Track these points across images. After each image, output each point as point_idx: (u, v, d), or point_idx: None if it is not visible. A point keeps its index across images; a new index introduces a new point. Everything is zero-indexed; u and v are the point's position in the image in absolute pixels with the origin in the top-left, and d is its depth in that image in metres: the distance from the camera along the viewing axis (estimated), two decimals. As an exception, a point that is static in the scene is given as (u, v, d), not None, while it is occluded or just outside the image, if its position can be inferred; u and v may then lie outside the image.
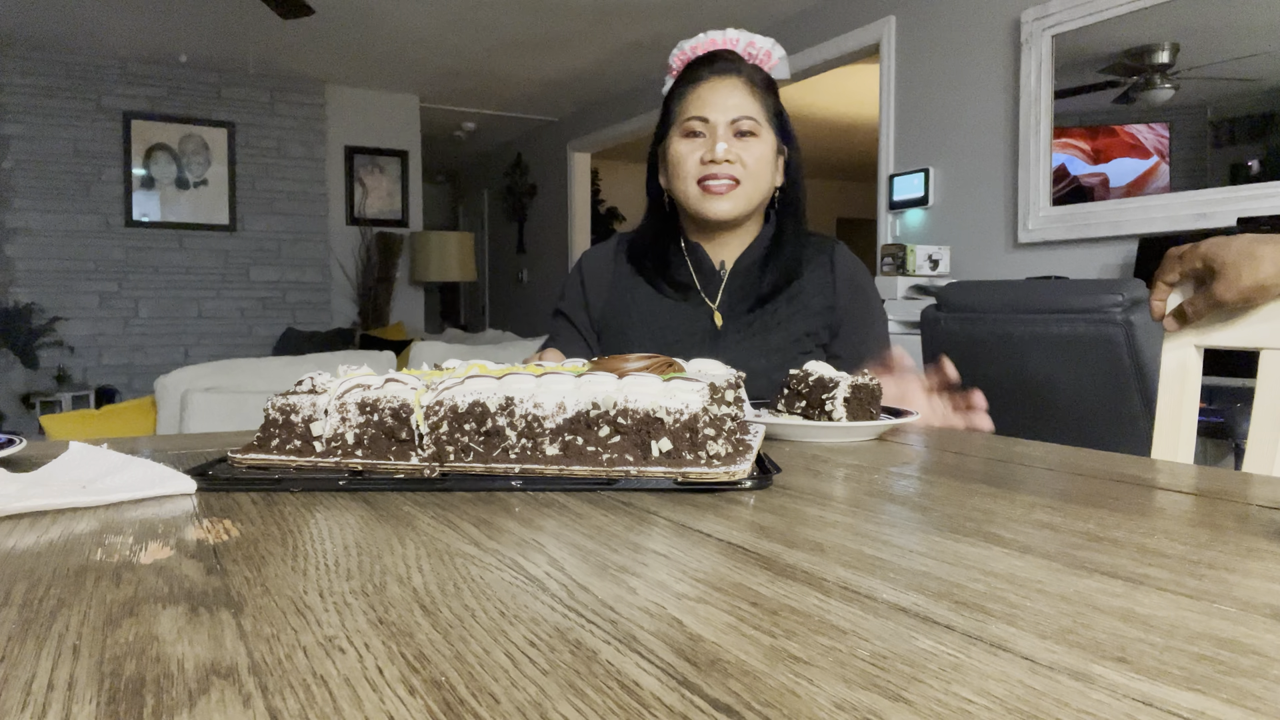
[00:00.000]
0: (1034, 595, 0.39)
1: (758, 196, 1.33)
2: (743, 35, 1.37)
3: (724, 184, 1.29)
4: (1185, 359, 1.04)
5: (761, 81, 1.34)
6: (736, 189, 1.30)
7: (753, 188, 1.32)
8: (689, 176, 1.31)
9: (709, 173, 1.30)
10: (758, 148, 1.31)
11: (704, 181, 1.30)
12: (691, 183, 1.31)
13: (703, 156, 1.30)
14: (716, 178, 1.29)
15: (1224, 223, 2.76)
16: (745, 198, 1.31)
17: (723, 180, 1.29)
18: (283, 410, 0.69)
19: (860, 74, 5.50)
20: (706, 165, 1.30)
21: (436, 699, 0.28)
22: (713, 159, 1.29)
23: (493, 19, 4.92)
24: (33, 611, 0.38)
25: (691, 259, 1.39)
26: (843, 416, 0.89)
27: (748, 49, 1.36)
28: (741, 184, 1.30)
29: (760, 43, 1.37)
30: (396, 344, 4.56)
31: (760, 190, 1.33)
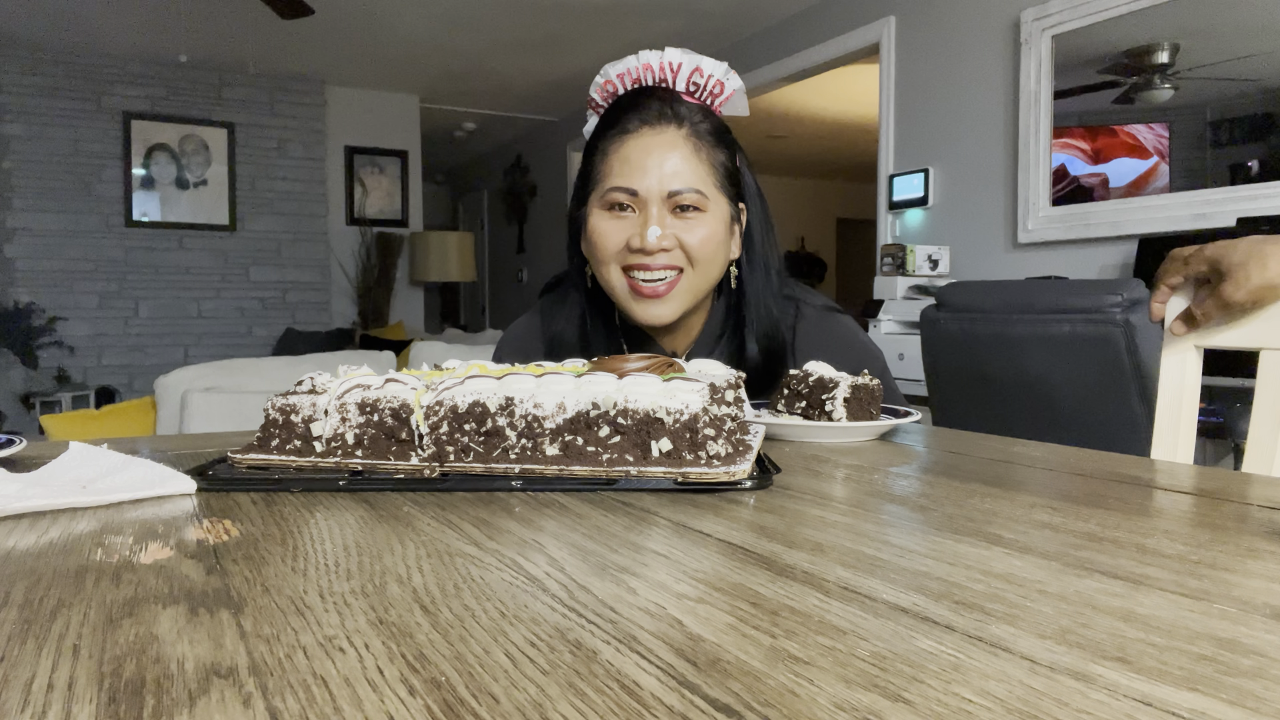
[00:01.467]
0: (1034, 595, 0.39)
1: (706, 287, 1.06)
2: (687, 59, 1.05)
3: (660, 281, 1.01)
4: (1185, 359, 1.04)
5: (710, 131, 1.05)
6: (678, 284, 1.02)
7: (700, 280, 1.04)
8: (611, 263, 1.03)
9: (638, 262, 1.01)
10: (705, 227, 1.02)
11: (632, 273, 1.02)
12: (617, 272, 1.04)
13: (630, 240, 1.01)
14: (649, 269, 1.01)
15: (1224, 223, 2.76)
16: (690, 294, 1.04)
17: (658, 275, 1.01)
18: (283, 410, 0.69)
19: (860, 74, 5.50)
20: (635, 253, 1.01)
21: (436, 699, 0.28)
22: (642, 247, 1.00)
23: (493, 19, 4.92)
24: (33, 611, 0.38)
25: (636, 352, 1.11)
26: (843, 417, 0.89)
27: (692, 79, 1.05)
28: (685, 276, 1.03)
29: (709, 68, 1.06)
30: (396, 344, 4.56)
31: (710, 279, 1.06)
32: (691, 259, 1.02)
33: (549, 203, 7.43)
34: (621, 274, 1.04)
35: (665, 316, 1.04)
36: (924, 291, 3.44)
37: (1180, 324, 1.02)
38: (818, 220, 10.04)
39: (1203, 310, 0.98)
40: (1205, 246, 0.96)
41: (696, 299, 1.06)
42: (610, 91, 1.09)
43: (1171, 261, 1.00)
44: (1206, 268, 0.96)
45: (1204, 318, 0.99)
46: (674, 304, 1.03)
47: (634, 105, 1.05)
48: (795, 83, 4.97)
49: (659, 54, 1.05)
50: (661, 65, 1.06)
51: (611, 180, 1.02)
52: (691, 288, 1.04)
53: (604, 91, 1.10)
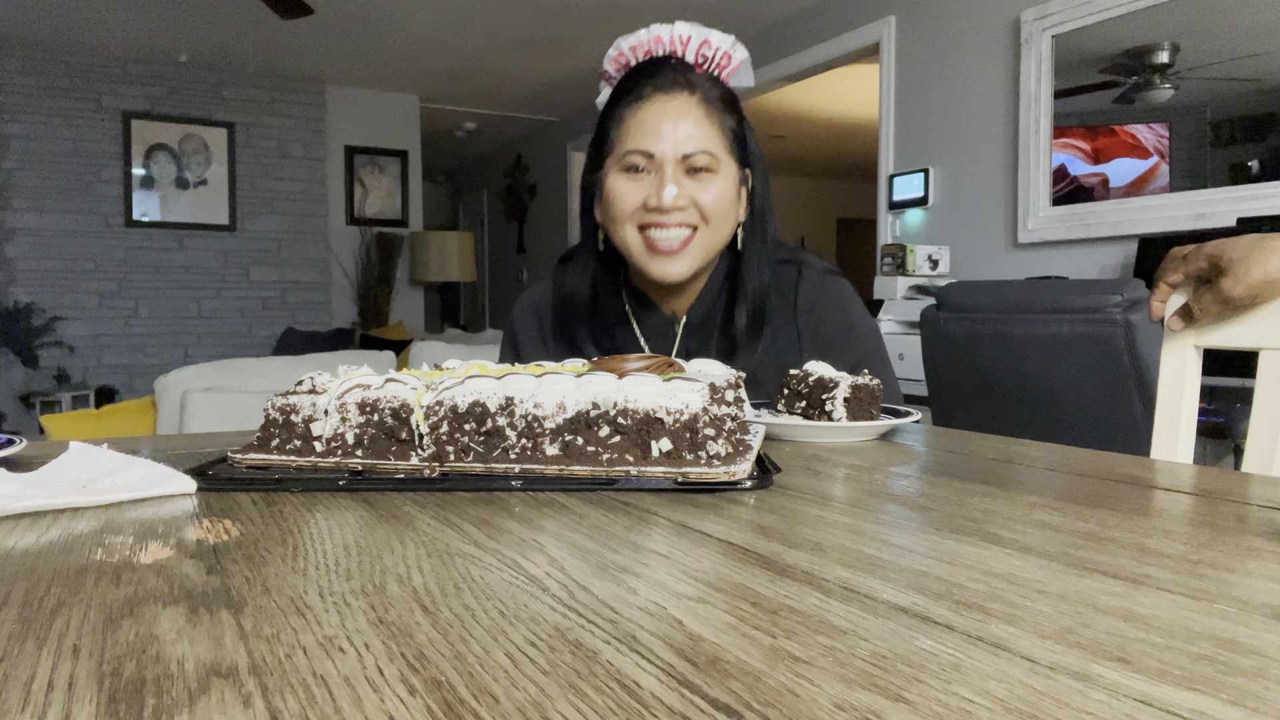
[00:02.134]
0: (1034, 595, 0.39)
1: (718, 246, 1.10)
2: (696, 31, 1.10)
3: (675, 238, 1.06)
4: (1185, 359, 1.04)
5: (719, 98, 1.09)
6: (692, 242, 1.07)
7: (712, 238, 1.08)
8: (628, 221, 1.07)
9: (654, 220, 1.05)
10: (716, 187, 1.06)
11: (648, 231, 1.07)
12: (633, 230, 1.07)
13: (647, 200, 1.05)
14: (664, 227, 1.05)
15: (1224, 223, 2.76)
16: (704, 250, 1.08)
17: (673, 233, 1.06)
18: (283, 410, 0.69)
19: (860, 74, 5.50)
20: (651, 212, 1.05)
21: (436, 699, 0.28)
22: (659, 205, 1.04)
23: (493, 19, 4.92)
24: (33, 611, 0.38)
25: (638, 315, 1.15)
26: (843, 416, 0.89)
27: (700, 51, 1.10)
28: (698, 234, 1.07)
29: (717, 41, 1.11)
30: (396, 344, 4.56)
31: (721, 238, 1.10)
32: (705, 217, 1.07)
33: (549, 203, 7.43)
34: (638, 232, 1.07)
35: (679, 273, 1.07)
36: (924, 291, 3.44)
37: (1178, 319, 1.01)
38: (818, 220, 10.04)
39: (1201, 305, 0.97)
40: (1204, 244, 0.95)
41: (708, 257, 1.10)
42: (622, 63, 1.13)
43: (1171, 260, 0.99)
44: (1206, 264, 0.95)
45: (1202, 313, 0.98)
46: (687, 260, 1.07)
47: (647, 73, 1.09)
48: (795, 83, 4.97)
49: (669, 27, 1.11)
50: (672, 38, 1.10)
51: (628, 144, 1.06)
52: (704, 245, 1.08)
53: (616, 63, 1.14)
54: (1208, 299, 0.96)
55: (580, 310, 1.15)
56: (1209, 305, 0.96)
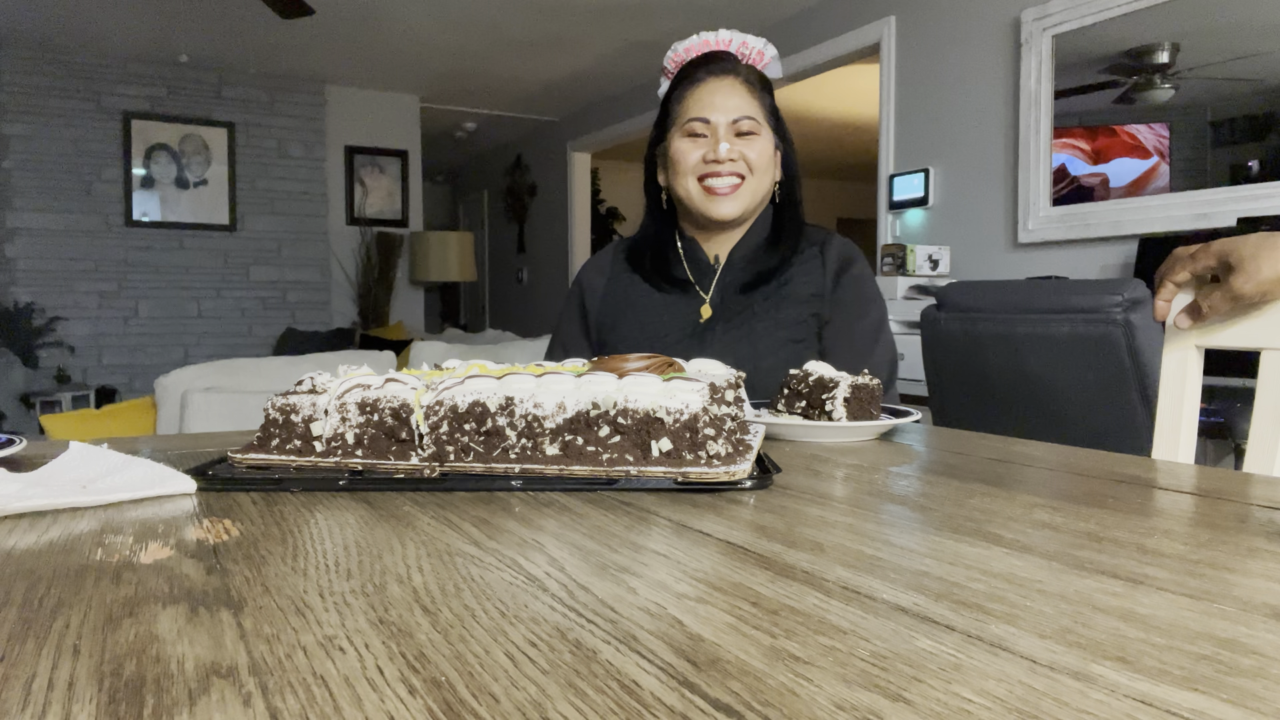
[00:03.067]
0: (1034, 595, 0.39)
1: (761, 193, 1.35)
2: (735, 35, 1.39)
3: (728, 183, 1.31)
4: (1185, 359, 1.04)
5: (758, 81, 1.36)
6: (741, 187, 1.32)
7: (757, 185, 1.34)
8: (690, 173, 1.33)
9: (712, 170, 1.31)
10: (759, 145, 1.33)
11: (706, 180, 1.32)
12: (693, 180, 1.33)
13: (705, 155, 1.31)
14: (720, 176, 1.31)
15: (1224, 223, 2.76)
16: (751, 195, 1.33)
17: (726, 179, 1.31)
18: (283, 410, 0.69)
19: (860, 74, 5.50)
20: (709, 164, 1.31)
21: (436, 699, 0.28)
22: (715, 158, 1.30)
23: (493, 19, 4.92)
24: (33, 611, 0.38)
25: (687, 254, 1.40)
26: (843, 416, 0.89)
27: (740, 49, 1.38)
28: (746, 181, 1.32)
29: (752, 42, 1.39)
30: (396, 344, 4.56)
31: (763, 188, 1.35)
32: (751, 168, 1.33)
33: (549, 203, 7.43)
34: (697, 182, 1.33)
35: (731, 212, 1.33)
36: (924, 291, 3.44)
37: (1185, 317, 0.99)
38: (818, 220, 9.93)
39: (1210, 303, 0.96)
40: (1211, 243, 0.95)
41: (754, 203, 1.35)
42: (678, 60, 1.41)
43: (1176, 260, 0.98)
44: (1215, 262, 0.94)
45: (1211, 310, 0.97)
46: (739, 202, 1.33)
47: (701, 63, 1.37)
48: (795, 83, 4.96)
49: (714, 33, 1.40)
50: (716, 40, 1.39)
51: (690, 113, 1.33)
52: (751, 190, 1.34)
53: (673, 61, 1.42)
54: (1217, 296, 0.95)
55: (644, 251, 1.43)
56: (1218, 303, 0.95)
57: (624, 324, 1.38)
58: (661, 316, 1.36)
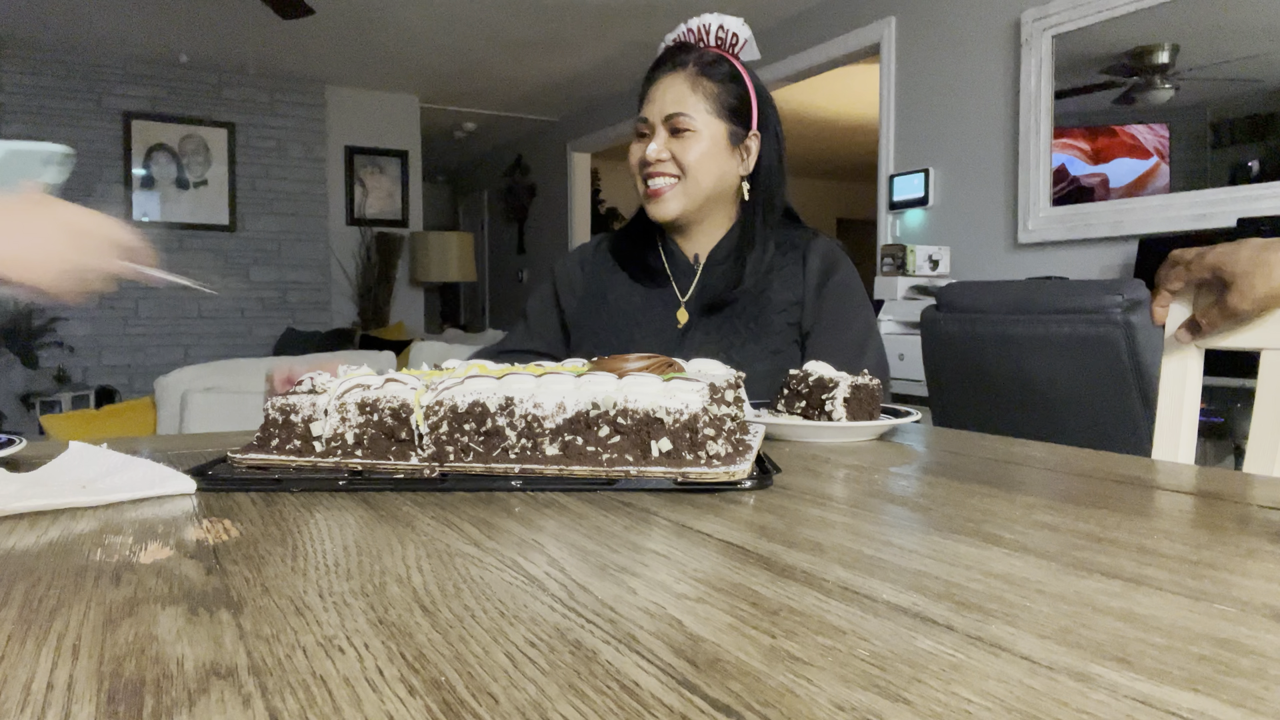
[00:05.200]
0: (1034, 595, 0.39)
1: (702, 193, 1.29)
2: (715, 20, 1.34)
3: (661, 185, 1.28)
4: (1185, 359, 1.04)
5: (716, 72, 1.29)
6: (676, 188, 1.28)
7: (694, 186, 1.28)
8: (636, 173, 1.32)
9: (648, 172, 1.29)
10: (695, 144, 1.27)
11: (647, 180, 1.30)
12: (639, 181, 1.32)
13: (644, 157, 1.29)
14: (654, 176, 1.29)
15: (1224, 223, 2.76)
16: (686, 197, 1.29)
17: (659, 180, 1.28)
18: (283, 410, 0.69)
19: (860, 74, 5.49)
20: (646, 166, 1.29)
21: (436, 699, 0.28)
22: (643, 159, 1.29)
23: (493, 19, 4.92)
24: (33, 611, 0.38)
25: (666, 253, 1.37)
26: (843, 416, 0.89)
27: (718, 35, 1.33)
28: (681, 182, 1.28)
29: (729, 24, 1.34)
30: (396, 344, 4.55)
31: (704, 187, 1.29)
32: (684, 168, 1.28)
33: (549, 203, 7.43)
34: (642, 182, 1.32)
35: (668, 213, 1.30)
36: (924, 292, 3.44)
37: (1185, 332, 1.00)
38: (818, 220, 10.01)
39: (1208, 319, 0.97)
40: (1206, 251, 0.95)
41: (696, 203, 1.30)
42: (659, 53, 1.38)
43: (1172, 266, 0.99)
44: (1209, 275, 0.95)
45: (1209, 326, 0.98)
46: (672, 204, 1.29)
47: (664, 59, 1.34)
48: (795, 83, 4.96)
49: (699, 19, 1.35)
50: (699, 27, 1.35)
51: (639, 112, 1.33)
52: (686, 192, 1.29)
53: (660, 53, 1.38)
54: (1214, 313, 0.96)
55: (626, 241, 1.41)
56: (1215, 319, 0.96)
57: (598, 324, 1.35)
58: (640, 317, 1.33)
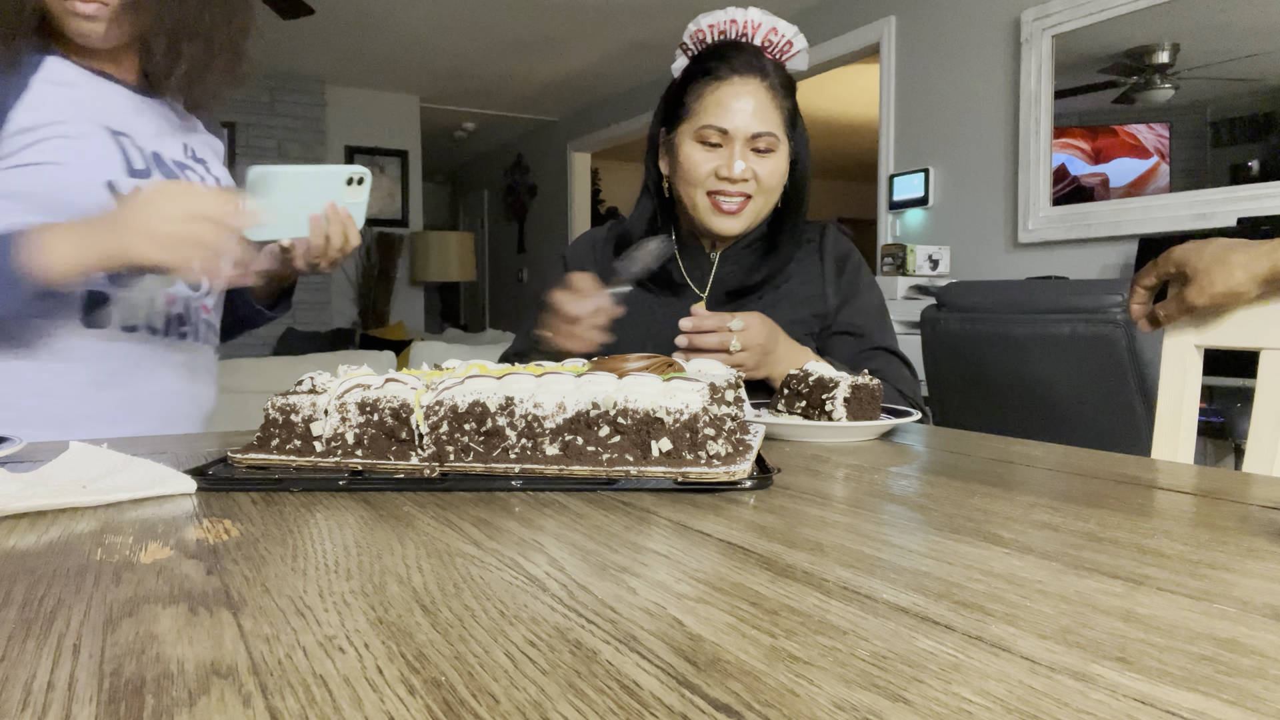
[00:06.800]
0: (1034, 595, 0.39)
1: (767, 210, 1.29)
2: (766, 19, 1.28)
3: (736, 202, 1.24)
4: (1185, 359, 1.04)
5: (782, 84, 1.27)
6: (748, 205, 1.25)
7: (764, 203, 1.27)
8: (699, 186, 1.25)
9: (722, 189, 1.24)
10: (774, 162, 1.25)
11: (715, 195, 1.24)
12: (702, 194, 1.25)
13: (718, 170, 1.23)
14: (729, 195, 1.24)
15: (1224, 223, 2.76)
16: (755, 214, 1.27)
17: (735, 199, 1.24)
18: (283, 410, 0.69)
19: (860, 74, 5.50)
20: (721, 180, 1.23)
21: (436, 699, 0.28)
22: (729, 176, 1.22)
23: (493, 19, 4.92)
24: (33, 611, 0.38)
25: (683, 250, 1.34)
26: (843, 416, 0.89)
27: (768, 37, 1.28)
28: (753, 200, 1.25)
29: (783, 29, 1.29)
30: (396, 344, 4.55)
31: (771, 203, 1.29)
32: (762, 187, 1.25)
33: (549, 202, 7.43)
34: (706, 196, 1.26)
35: (735, 229, 1.27)
36: (924, 291, 3.44)
37: (1145, 322, 1.03)
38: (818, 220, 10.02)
39: (1165, 312, 1.00)
40: (1174, 249, 0.98)
41: (759, 220, 1.30)
42: (700, 39, 1.30)
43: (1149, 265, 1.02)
44: (1174, 269, 0.98)
45: (1166, 319, 1.01)
46: (744, 220, 1.27)
47: (724, 56, 1.25)
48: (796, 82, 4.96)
49: (744, 11, 1.28)
50: (745, 22, 1.28)
51: (706, 119, 1.23)
52: (755, 209, 1.27)
53: (694, 38, 1.30)
54: (1172, 306, 0.99)
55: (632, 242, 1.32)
56: (1173, 311, 1.00)
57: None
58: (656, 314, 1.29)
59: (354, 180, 1.04)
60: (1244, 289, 0.94)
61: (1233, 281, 0.93)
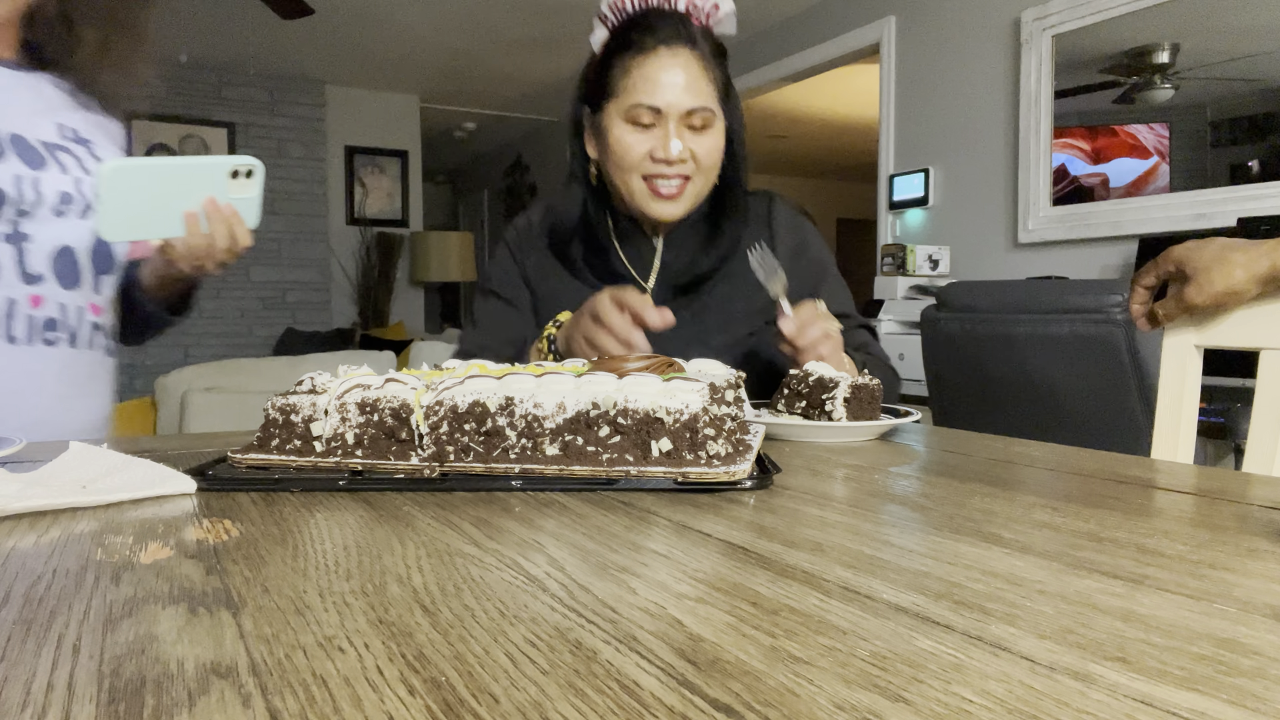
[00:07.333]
0: (1034, 595, 0.39)
1: (707, 190, 1.20)
2: None
3: (675, 185, 1.15)
4: (1185, 359, 1.04)
5: (713, 52, 1.16)
6: (687, 188, 1.16)
7: (704, 183, 1.18)
8: (633, 171, 1.15)
9: (659, 172, 1.14)
10: (712, 139, 1.15)
11: (652, 180, 1.15)
12: (637, 179, 1.16)
13: (653, 152, 1.13)
14: (667, 178, 1.14)
15: (1224, 223, 2.76)
16: (695, 196, 1.18)
17: (673, 181, 1.15)
18: (283, 410, 0.69)
19: (860, 74, 5.50)
20: (657, 163, 1.14)
21: (436, 699, 0.28)
22: (665, 158, 1.13)
23: (493, 19, 4.92)
24: (33, 611, 0.38)
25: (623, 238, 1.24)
26: (843, 417, 0.89)
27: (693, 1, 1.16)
28: (692, 181, 1.16)
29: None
30: (396, 344, 4.56)
31: (710, 183, 1.19)
32: (700, 167, 1.16)
33: (549, 203, 7.42)
34: (641, 180, 1.16)
35: (675, 214, 1.18)
36: (924, 291, 3.44)
37: (1144, 321, 1.03)
38: (818, 220, 10.02)
39: (1165, 311, 1.00)
40: (1174, 248, 0.98)
41: (699, 200, 1.20)
42: (620, 7, 1.18)
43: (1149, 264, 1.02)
44: (1174, 268, 0.98)
45: (1165, 318, 1.01)
46: (684, 204, 1.17)
47: (649, 25, 1.14)
48: (795, 83, 4.97)
49: None
50: None
51: (635, 97, 1.12)
52: (695, 191, 1.18)
53: (613, 6, 1.19)
54: (1171, 305, 0.99)
55: (570, 232, 1.25)
56: (1172, 310, 1.00)
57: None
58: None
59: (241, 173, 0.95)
60: (1243, 288, 0.94)
61: (1232, 281, 0.93)
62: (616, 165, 1.16)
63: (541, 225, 1.29)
